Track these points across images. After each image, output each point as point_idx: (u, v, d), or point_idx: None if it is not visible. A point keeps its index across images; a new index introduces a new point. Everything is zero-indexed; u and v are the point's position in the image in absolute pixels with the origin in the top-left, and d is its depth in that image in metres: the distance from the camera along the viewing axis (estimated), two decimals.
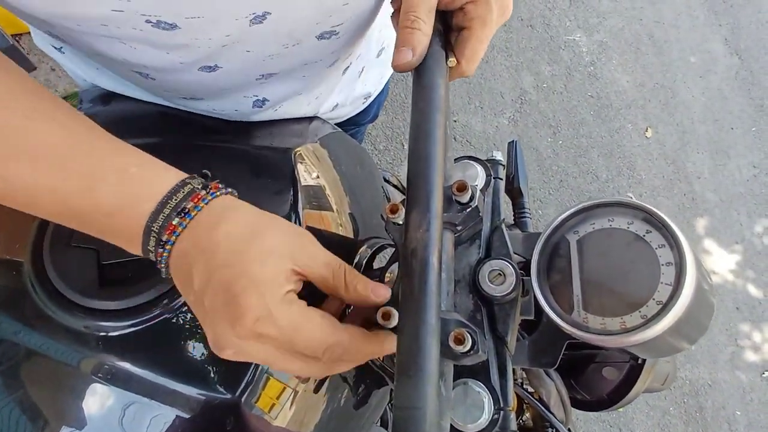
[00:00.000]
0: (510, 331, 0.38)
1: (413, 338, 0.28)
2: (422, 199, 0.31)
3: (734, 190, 2.45)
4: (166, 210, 0.31)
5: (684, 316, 0.31)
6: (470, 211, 0.35)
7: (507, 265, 0.39)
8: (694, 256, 0.32)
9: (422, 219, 0.31)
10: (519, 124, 2.15)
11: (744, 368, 2.07)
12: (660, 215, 0.33)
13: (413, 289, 0.29)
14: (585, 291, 0.35)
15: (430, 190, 0.31)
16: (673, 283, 0.31)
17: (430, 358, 0.27)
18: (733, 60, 2.82)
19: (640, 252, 0.34)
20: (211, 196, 0.32)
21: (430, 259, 0.30)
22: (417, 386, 0.26)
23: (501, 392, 0.37)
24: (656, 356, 0.45)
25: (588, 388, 0.51)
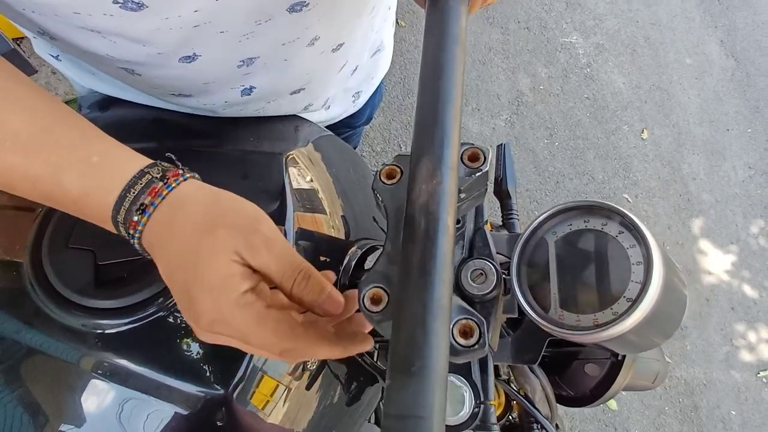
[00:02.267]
0: (491, 329, 0.40)
1: (418, 322, 0.20)
2: (436, 144, 0.24)
3: (730, 191, 2.46)
4: (126, 203, 0.31)
5: (652, 311, 0.32)
6: (480, 176, 0.29)
7: (488, 264, 0.40)
8: (661, 255, 0.33)
9: (435, 168, 0.24)
10: (516, 126, 2.17)
11: (739, 368, 2.08)
12: (630, 216, 0.34)
13: (419, 256, 0.22)
14: (561, 289, 0.37)
15: (445, 134, 0.24)
16: (641, 281, 0.33)
17: (439, 350, 0.20)
18: (729, 62, 2.84)
19: (613, 252, 0.35)
20: (167, 189, 0.32)
21: (443, 217, 0.22)
22: (421, 388, 0.19)
23: (482, 387, 0.38)
24: (633, 351, 0.46)
25: (572, 384, 0.53)
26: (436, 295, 0.21)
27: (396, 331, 0.21)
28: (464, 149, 0.30)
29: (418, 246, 0.22)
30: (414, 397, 0.19)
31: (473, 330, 0.24)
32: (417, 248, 0.22)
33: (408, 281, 0.22)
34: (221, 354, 0.43)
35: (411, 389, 0.19)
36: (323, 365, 0.56)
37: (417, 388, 0.19)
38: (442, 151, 0.24)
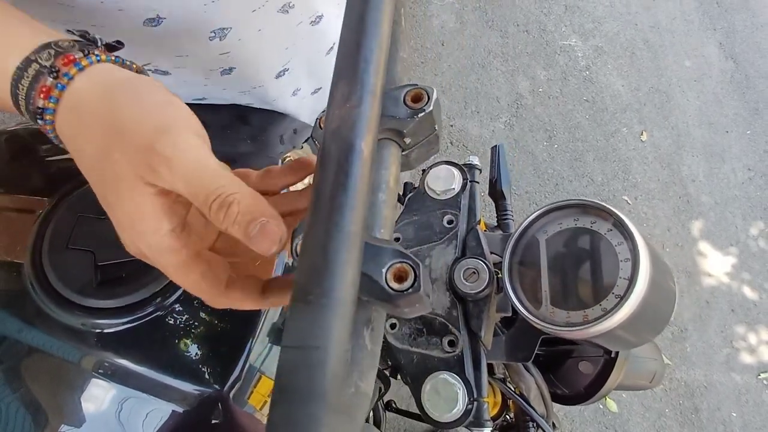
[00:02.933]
0: (484, 327, 0.41)
1: (318, 249, 0.19)
2: (352, 67, 0.22)
3: (729, 193, 2.46)
4: (21, 104, 0.27)
5: (641, 307, 0.33)
6: (423, 116, 0.27)
7: (481, 263, 0.41)
8: (648, 251, 0.34)
9: (351, 91, 0.22)
10: (515, 129, 2.18)
11: (739, 370, 2.08)
12: (617, 214, 0.35)
13: (327, 182, 0.21)
14: (552, 287, 0.37)
15: (364, 59, 0.22)
16: (629, 278, 0.33)
17: (340, 277, 0.19)
18: (728, 64, 2.84)
19: (602, 249, 0.36)
20: (58, 88, 0.26)
21: (357, 143, 0.21)
22: (317, 317, 0.18)
23: (475, 384, 0.39)
24: (625, 347, 0.47)
25: (566, 382, 0.53)
26: (341, 222, 0.20)
27: (299, 260, 0.20)
28: (407, 90, 0.28)
29: (327, 173, 0.21)
30: (309, 327, 0.18)
31: (407, 273, 0.22)
32: (326, 175, 0.21)
33: (314, 209, 0.20)
34: (219, 353, 0.44)
35: (307, 318, 0.18)
36: None
37: (312, 317, 0.18)
38: (359, 76, 0.22)
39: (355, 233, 0.20)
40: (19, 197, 0.44)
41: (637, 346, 0.41)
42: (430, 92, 0.28)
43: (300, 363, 0.17)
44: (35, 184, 0.46)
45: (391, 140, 0.28)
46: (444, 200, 0.45)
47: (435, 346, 0.40)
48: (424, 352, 0.40)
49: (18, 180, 0.46)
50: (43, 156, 0.49)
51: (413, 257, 0.23)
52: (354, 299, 0.19)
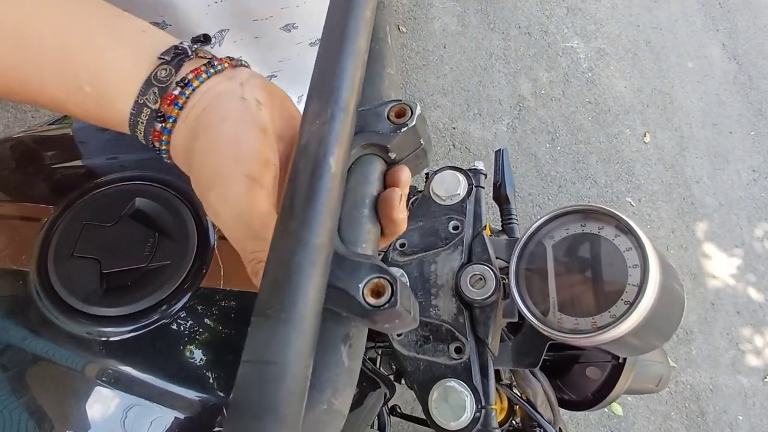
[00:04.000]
0: (491, 333, 0.40)
1: (281, 263, 0.19)
2: (326, 84, 0.23)
3: (734, 195, 2.45)
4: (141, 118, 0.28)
5: (650, 313, 0.33)
6: (406, 131, 0.27)
7: (487, 269, 0.41)
8: (657, 258, 0.34)
9: (321, 109, 0.22)
10: (517, 131, 2.17)
11: (746, 372, 2.07)
12: (626, 220, 0.34)
13: (293, 197, 0.20)
14: (560, 293, 0.37)
15: (338, 74, 0.23)
16: (638, 284, 0.33)
17: (302, 291, 0.18)
18: (731, 65, 2.84)
19: (610, 255, 0.36)
20: (171, 120, 0.28)
21: (326, 159, 0.21)
22: (275, 331, 0.18)
23: (483, 391, 0.38)
24: (633, 354, 0.47)
25: (573, 387, 0.53)
26: (305, 237, 0.19)
27: (263, 276, 0.20)
28: (391, 106, 0.28)
29: (294, 188, 0.21)
30: (266, 342, 0.17)
31: (385, 288, 0.22)
32: (293, 190, 0.21)
33: (280, 224, 0.20)
34: (223, 361, 0.44)
35: (265, 333, 0.18)
36: None
37: (271, 332, 0.18)
38: (332, 93, 0.22)
39: (321, 247, 0.20)
40: (25, 205, 0.44)
41: (646, 352, 0.41)
42: (413, 107, 0.28)
43: (256, 378, 0.17)
44: (41, 192, 0.46)
45: (375, 155, 0.29)
46: (449, 206, 0.45)
47: (442, 352, 0.40)
48: (431, 359, 0.40)
49: (23, 187, 0.46)
50: (49, 163, 0.49)
51: (391, 272, 0.22)
52: (317, 314, 0.19)
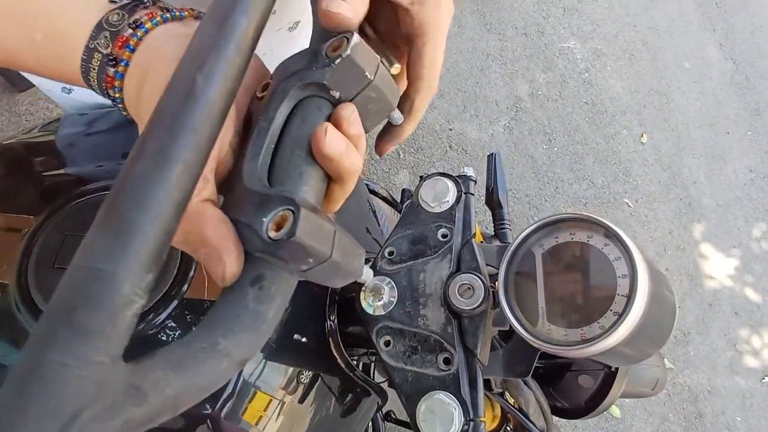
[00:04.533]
0: (480, 344, 0.40)
1: (127, 175, 0.18)
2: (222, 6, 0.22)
3: (731, 195, 2.45)
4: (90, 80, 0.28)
5: (640, 324, 0.32)
6: (340, 62, 0.25)
7: (476, 278, 0.40)
8: (647, 267, 0.33)
9: (213, 29, 0.21)
10: (514, 132, 2.17)
11: (743, 373, 2.06)
12: (615, 229, 0.34)
13: (156, 111, 0.19)
14: (549, 302, 0.37)
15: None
16: (627, 294, 0.32)
17: (141, 204, 0.17)
18: (728, 65, 2.84)
19: (599, 264, 0.35)
20: (123, 64, 0.27)
21: (194, 76, 0.19)
22: (104, 240, 0.16)
23: (471, 403, 0.38)
24: (626, 363, 0.46)
25: (566, 395, 0.52)
26: (154, 152, 0.18)
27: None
28: (329, 42, 0.26)
29: (159, 102, 0.20)
30: (95, 248, 0.16)
31: (285, 219, 0.21)
32: (158, 105, 0.20)
33: (140, 138, 0.19)
34: None
35: (96, 240, 0.17)
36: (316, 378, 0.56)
37: (101, 240, 0.17)
38: (227, 18, 0.21)
39: (178, 162, 0.18)
40: (6, 215, 0.43)
41: (639, 361, 0.40)
42: (350, 36, 0.26)
43: (74, 283, 0.16)
44: (24, 201, 0.45)
45: (316, 96, 0.27)
46: (438, 213, 0.45)
47: (430, 364, 0.39)
48: (419, 371, 0.39)
49: (6, 197, 0.45)
50: (34, 171, 0.49)
51: (297, 202, 0.21)
52: (166, 231, 0.18)
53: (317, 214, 0.22)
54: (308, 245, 0.21)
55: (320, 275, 0.23)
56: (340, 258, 0.23)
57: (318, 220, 0.22)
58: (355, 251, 0.24)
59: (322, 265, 0.22)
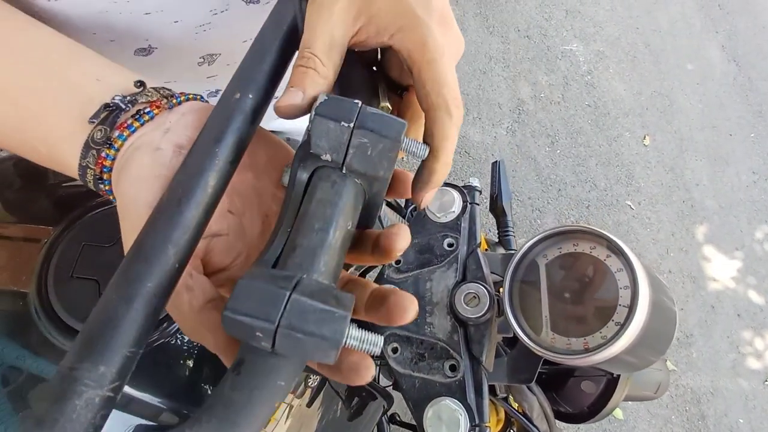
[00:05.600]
0: (485, 351, 0.41)
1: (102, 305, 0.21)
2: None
3: (734, 197, 2.46)
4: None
5: (642, 333, 0.33)
6: (313, 124, 0.25)
7: (481, 287, 0.41)
8: (647, 278, 0.34)
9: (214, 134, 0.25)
10: (517, 134, 2.18)
11: (746, 375, 2.07)
12: (616, 242, 0.35)
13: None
14: (552, 312, 0.38)
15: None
16: (629, 305, 0.33)
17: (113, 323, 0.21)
18: (731, 67, 2.84)
19: (601, 276, 0.36)
20: (107, 184, 0.28)
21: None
22: (77, 346, 0.20)
23: (477, 410, 0.39)
24: (629, 370, 0.47)
25: (569, 400, 0.53)
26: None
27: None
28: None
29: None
30: (71, 354, 0.20)
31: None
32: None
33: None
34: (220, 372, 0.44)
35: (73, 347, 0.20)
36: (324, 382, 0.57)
37: (77, 346, 0.20)
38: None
39: (145, 295, 0.21)
40: (26, 226, 0.44)
41: (642, 369, 0.41)
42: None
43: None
44: (42, 212, 0.46)
45: (323, 167, 0.26)
46: (444, 223, 0.46)
47: (437, 370, 0.40)
48: (425, 377, 0.40)
49: (26, 207, 0.47)
50: (51, 183, 0.50)
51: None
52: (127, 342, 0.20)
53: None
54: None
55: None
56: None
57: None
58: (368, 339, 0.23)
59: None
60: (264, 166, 0.30)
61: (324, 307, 0.21)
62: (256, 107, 0.26)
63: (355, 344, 0.21)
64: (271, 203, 0.31)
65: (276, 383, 0.21)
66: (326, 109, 0.25)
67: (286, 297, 0.20)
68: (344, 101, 0.25)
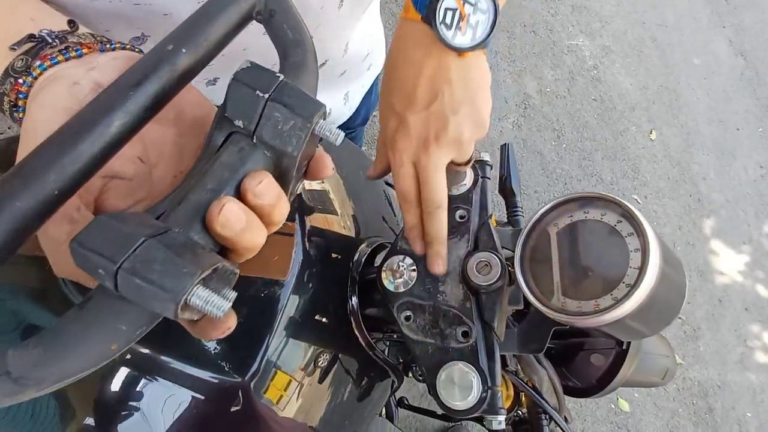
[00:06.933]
0: (497, 318, 0.42)
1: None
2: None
3: (741, 191, 2.45)
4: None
5: (651, 296, 0.34)
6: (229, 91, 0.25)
7: (493, 256, 0.42)
8: (658, 242, 0.35)
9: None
10: (523, 128, 2.18)
11: (754, 369, 2.06)
12: (627, 206, 0.36)
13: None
14: (563, 278, 0.38)
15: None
16: (639, 267, 0.34)
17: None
18: (738, 60, 2.83)
19: (612, 240, 0.37)
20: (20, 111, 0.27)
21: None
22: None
23: (489, 373, 0.40)
24: (635, 337, 0.48)
25: (578, 375, 0.54)
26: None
27: None
28: None
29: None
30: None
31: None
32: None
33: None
34: (239, 344, 0.45)
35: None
36: (335, 360, 0.58)
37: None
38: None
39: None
40: None
41: (647, 336, 0.42)
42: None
43: None
44: None
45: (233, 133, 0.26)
46: (456, 196, 0.46)
47: (449, 337, 0.41)
48: (438, 343, 0.41)
49: None
50: None
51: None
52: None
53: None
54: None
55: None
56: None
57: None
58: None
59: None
60: (189, 125, 0.30)
61: (175, 259, 0.20)
62: (187, 64, 0.25)
63: (198, 303, 0.20)
64: (191, 162, 0.29)
65: (115, 326, 0.21)
66: (245, 76, 0.24)
67: (139, 241, 0.20)
68: (267, 72, 0.25)
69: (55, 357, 0.19)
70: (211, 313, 0.21)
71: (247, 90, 0.24)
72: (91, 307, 0.21)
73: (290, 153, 0.25)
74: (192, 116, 0.30)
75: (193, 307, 0.21)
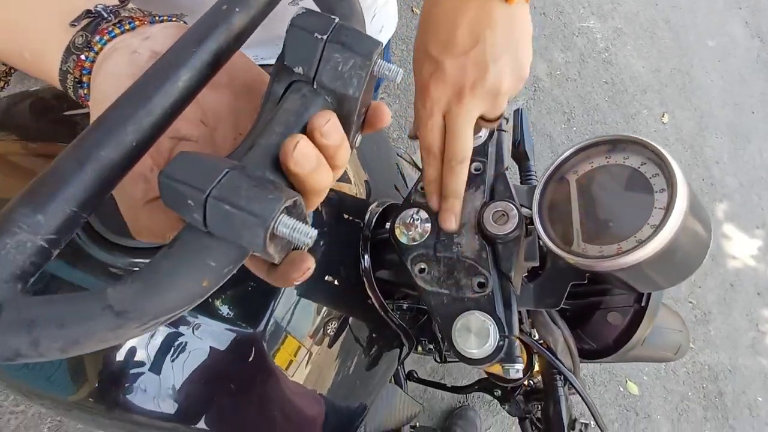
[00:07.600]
0: (513, 267, 0.41)
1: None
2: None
3: (755, 174, 2.41)
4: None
5: (674, 239, 0.33)
6: (292, 26, 0.25)
7: (509, 205, 0.41)
8: (686, 181, 0.33)
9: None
10: (532, 111, 2.15)
11: (766, 353, 2.04)
12: (654, 145, 0.34)
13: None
14: (584, 224, 0.37)
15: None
16: (665, 207, 0.33)
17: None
18: (754, 42, 2.77)
19: (636, 183, 0.36)
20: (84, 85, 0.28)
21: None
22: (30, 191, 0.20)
23: (506, 321, 0.39)
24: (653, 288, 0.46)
25: (594, 335, 0.53)
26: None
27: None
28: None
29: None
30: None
31: None
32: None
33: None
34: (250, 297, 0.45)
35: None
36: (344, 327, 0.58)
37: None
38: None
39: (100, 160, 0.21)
40: (53, 144, 0.45)
41: (664, 288, 0.41)
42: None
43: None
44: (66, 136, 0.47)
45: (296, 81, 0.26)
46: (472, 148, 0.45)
47: (465, 287, 0.41)
48: (454, 294, 0.41)
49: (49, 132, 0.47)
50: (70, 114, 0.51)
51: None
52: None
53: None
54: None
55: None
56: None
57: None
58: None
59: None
60: (242, 88, 0.31)
61: (260, 186, 0.21)
62: (242, 24, 0.26)
63: (285, 231, 0.21)
64: (248, 124, 0.30)
65: (205, 261, 0.21)
66: (302, 21, 0.25)
67: (224, 172, 0.21)
68: (322, 15, 0.25)
69: (153, 290, 0.20)
70: (298, 241, 0.21)
71: (305, 34, 0.25)
72: (180, 245, 0.21)
73: (351, 95, 0.25)
74: (243, 80, 0.31)
75: (280, 236, 0.21)
